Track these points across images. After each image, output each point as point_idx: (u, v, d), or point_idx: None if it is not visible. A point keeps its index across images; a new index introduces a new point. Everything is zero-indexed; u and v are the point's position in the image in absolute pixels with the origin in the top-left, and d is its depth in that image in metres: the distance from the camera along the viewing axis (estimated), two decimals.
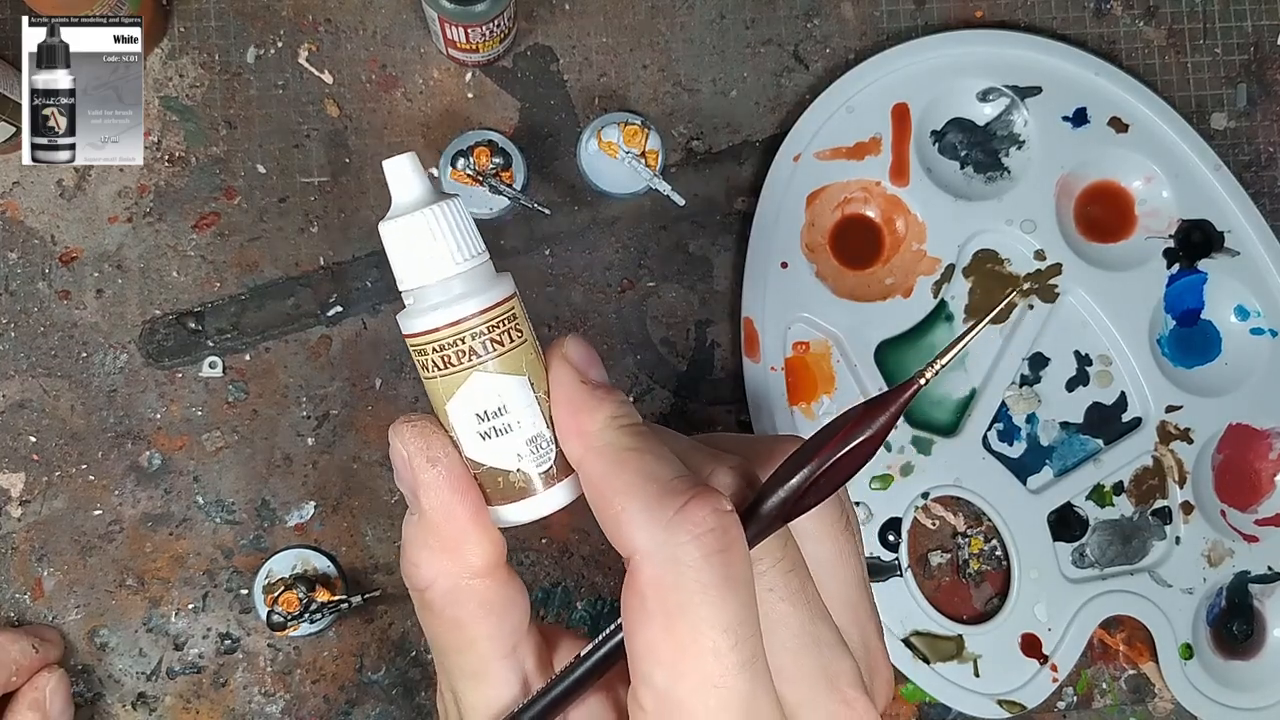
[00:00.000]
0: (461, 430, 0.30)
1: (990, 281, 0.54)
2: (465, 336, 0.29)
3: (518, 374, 0.29)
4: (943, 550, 0.54)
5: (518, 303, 0.30)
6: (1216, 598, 0.54)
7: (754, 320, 0.52)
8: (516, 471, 0.29)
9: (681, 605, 0.25)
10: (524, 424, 0.29)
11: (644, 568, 0.26)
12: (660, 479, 0.27)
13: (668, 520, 0.26)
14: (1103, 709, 0.54)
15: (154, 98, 0.51)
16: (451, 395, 0.29)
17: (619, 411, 0.29)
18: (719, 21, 0.54)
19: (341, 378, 0.51)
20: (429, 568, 0.29)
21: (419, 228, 0.30)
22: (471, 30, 0.47)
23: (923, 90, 0.53)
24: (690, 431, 0.53)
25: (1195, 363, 0.55)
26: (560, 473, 0.30)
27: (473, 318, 0.29)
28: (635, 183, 0.50)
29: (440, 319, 0.29)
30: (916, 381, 0.28)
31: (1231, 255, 0.54)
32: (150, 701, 0.50)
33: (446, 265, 0.29)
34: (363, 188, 0.52)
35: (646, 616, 0.26)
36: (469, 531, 0.29)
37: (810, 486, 0.28)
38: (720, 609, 0.25)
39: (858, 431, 0.28)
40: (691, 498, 0.26)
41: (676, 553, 0.25)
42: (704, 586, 0.25)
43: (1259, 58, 0.56)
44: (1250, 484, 0.55)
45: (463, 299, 0.29)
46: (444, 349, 0.29)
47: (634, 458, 0.28)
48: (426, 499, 0.29)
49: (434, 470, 0.29)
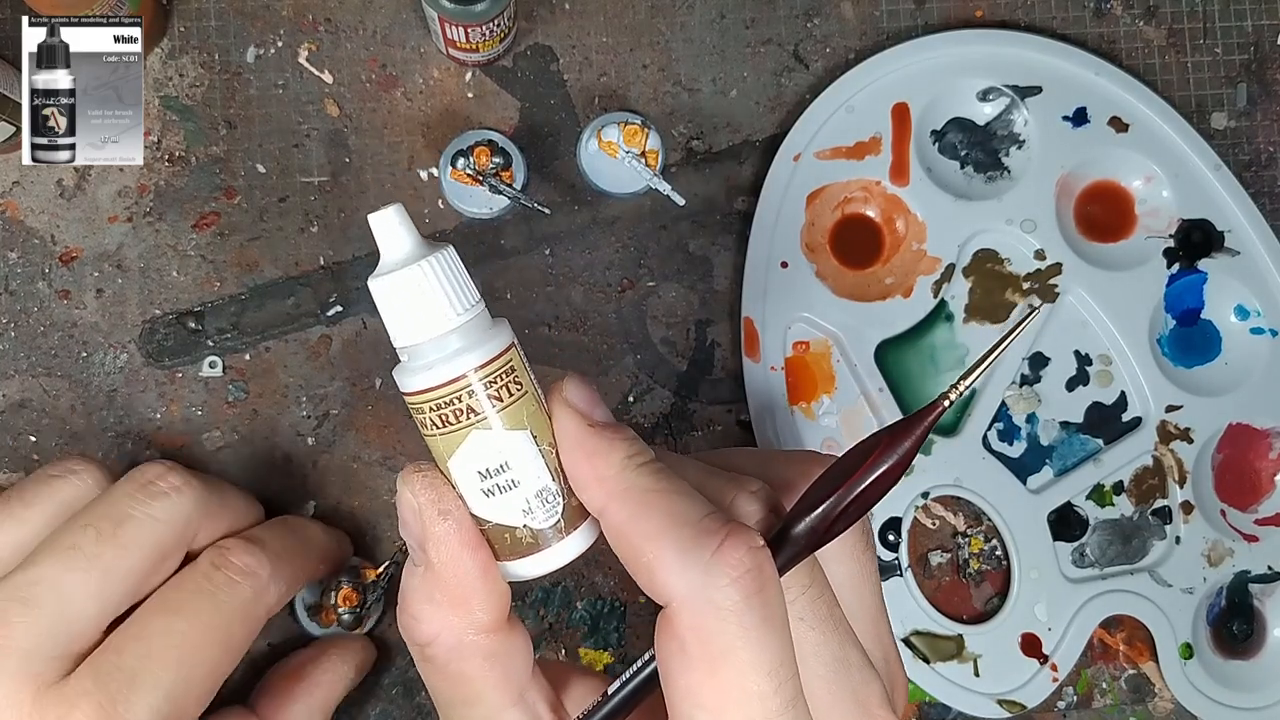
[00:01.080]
0: (464, 487, 0.29)
1: (990, 281, 0.54)
2: (463, 394, 0.28)
3: (519, 428, 0.28)
4: (943, 550, 0.54)
5: (516, 353, 0.29)
6: (1216, 597, 0.54)
7: (754, 320, 0.52)
8: (523, 528, 0.28)
9: (724, 650, 0.25)
10: (528, 479, 0.28)
11: (682, 614, 0.25)
12: (690, 520, 0.26)
13: (705, 564, 0.25)
14: (1103, 709, 0.54)
15: (154, 98, 0.51)
16: (452, 453, 0.28)
17: (633, 450, 0.28)
18: (719, 21, 0.54)
19: (341, 377, 0.51)
20: (433, 623, 0.28)
21: (410, 284, 0.28)
22: (471, 30, 0.47)
23: (923, 90, 0.53)
24: (688, 431, 0.53)
25: (1195, 362, 0.55)
26: (569, 524, 0.29)
27: (470, 373, 0.28)
28: (635, 183, 0.50)
29: (436, 377, 0.28)
30: (940, 404, 0.28)
31: (1231, 255, 0.54)
32: None
33: (440, 321, 0.28)
34: (363, 187, 0.52)
35: (688, 662, 0.25)
36: (478, 587, 0.28)
37: (841, 513, 0.28)
38: (762, 651, 0.25)
39: (885, 457, 0.28)
40: (726, 537, 0.25)
41: (716, 597, 0.25)
42: (745, 629, 0.25)
43: (1259, 57, 0.56)
44: (1250, 484, 0.55)
45: (458, 354, 0.28)
46: (441, 407, 0.28)
47: (658, 499, 0.27)
48: (436, 552, 0.28)
49: (445, 524, 0.28)
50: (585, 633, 0.52)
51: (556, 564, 0.29)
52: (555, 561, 0.29)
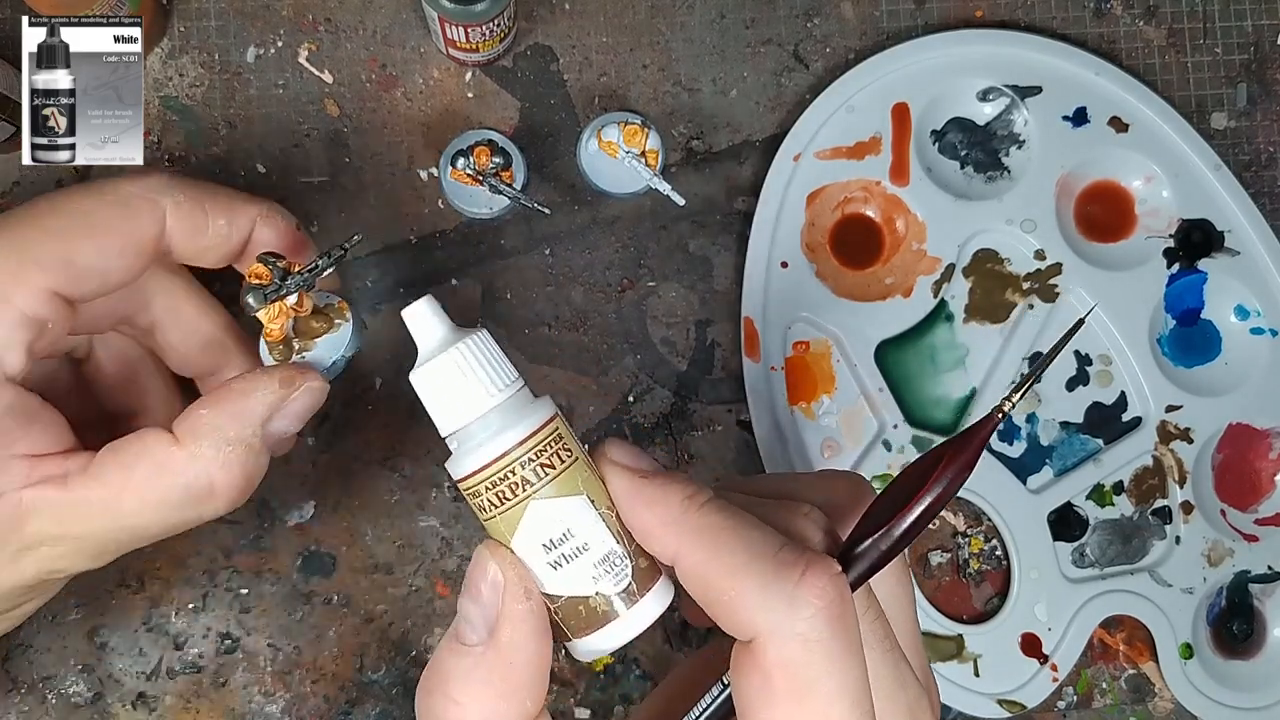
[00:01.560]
0: (532, 564, 0.28)
1: (990, 281, 0.54)
2: (515, 468, 0.28)
3: (575, 494, 0.28)
4: (943, 550, 0.54)
5: (561, 422, 0.29)
6: (1216, 597, 0.54)
7: (754, 320, 0.52)
8: (596, 595, 0.28)
9: (811, 682, 0.25)
10: (593, 544, 0.28)
11: (769, 649, 0.25)
12: (767, 553, 0.26)
13: (789, 596, 0.25)
14: (1103, 709, 0.54)
15: (154, 98, 0.51)
16: (514, 530, 0.28)
17: (690, 490, 0.28)
18: (719, 21, 0.54)
19: (341, 377, 0.51)
20: (475, 707, 0.27)
21: (448, 370, 0.29)
22: (471, 30, 0.47)
23: (923, 90, 0.53)
24: (688, 431, 0.53)
25: (1195, 362, 0.55)
26: (642, 587, 0.29)
27: (518, 447, 0.28)
28: (635, 183, 0.50)
29: (486, 455, 0.28)
30: (994, 417, 0.27)
31: (1231, 255, 0.54)
32: (150, 701, 0.50)
33: (481, 402, 0.29)
34: (362, 188, 0.52)
35: (772, 696, 0.25)
36: (538, 673, 0.28)
37: (903, 534, 0.28)
38: (847, 679, 0.25)
39: (947, 474, 0.28)
40: (807, 568, 0.25)
41: (802, 629, 0.25)
42: (832, 660, 0.25)
43: (1259, 57, 0.56)
44: (1250, 484, 0.55)
45: (504, 430, 0.29)
46: (496, 485, 0.28)
47: (730, 535, 0.27)
48: (510, 633, 0.27)
49: (528, 604, 0.28)
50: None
51: (634, 631, 0.29)
52: (632, 629, 0.29)
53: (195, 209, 0.38)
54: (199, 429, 0.35)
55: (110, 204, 0.37)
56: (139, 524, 0.35)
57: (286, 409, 0.37)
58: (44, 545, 0.35)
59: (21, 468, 0.35)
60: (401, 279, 0.52)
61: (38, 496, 0.34)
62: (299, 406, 0.37)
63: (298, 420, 0.38)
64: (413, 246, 0.52)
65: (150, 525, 0.36)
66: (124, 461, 0.35)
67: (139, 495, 0.35)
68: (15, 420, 0.35)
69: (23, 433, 0.35)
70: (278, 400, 0.36)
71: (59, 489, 0.35)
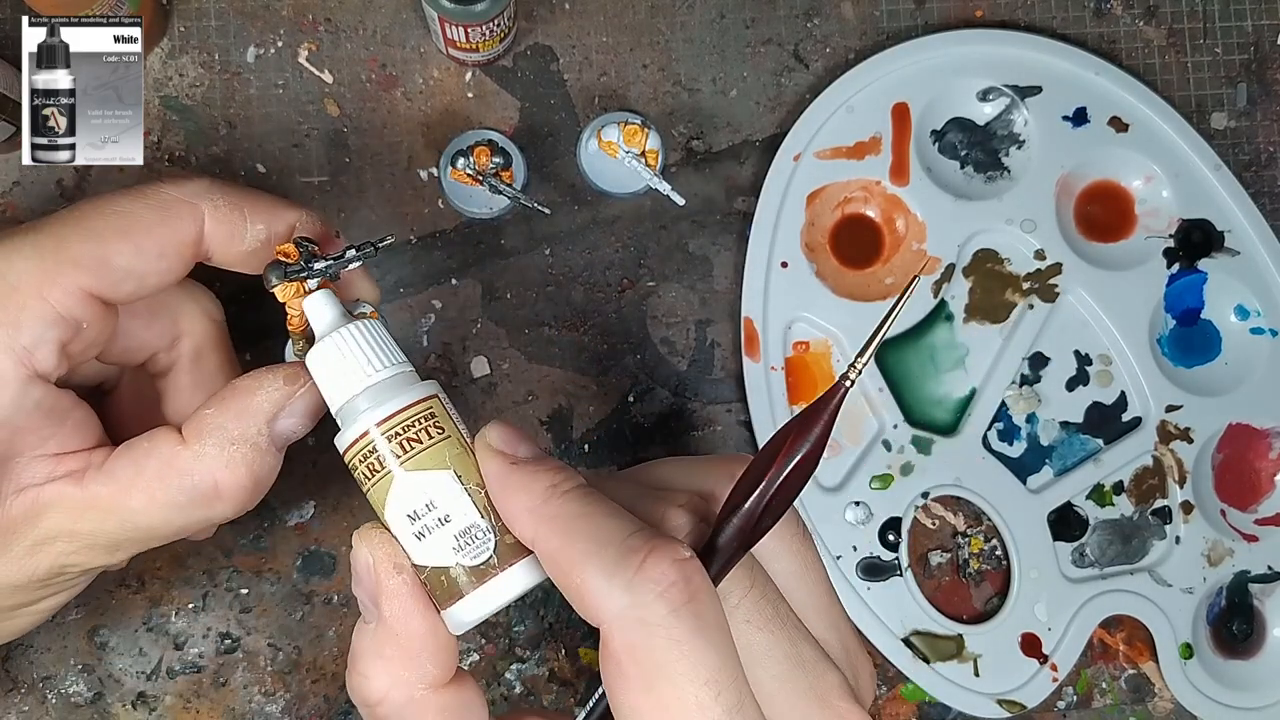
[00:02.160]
0: (400, 536, 0.30)
1: (990, 281, 0.54)
2: (380, 442, 0.30)
3: (441, 468, 0.30)
4: (943, 550, 0.54)
5: (438, 403, 0.31)
6: (1216, 597, 0.54)
7: (754, 320, 0.52)
8: (456, 566, 0.29)
9: (658, 666, 0.25)
10: (455, 516, 0.30)
11: (614, 635, 0.25)
12: (614, 540, 0.27)
13: (629, 582, 0.25)
14: (1103, 709, 0.54)
15: (154, 97, 0.51)
16: (384, 503, 0.30)
17: (557, 479, 0.29)
18: (719, 21, 0.54)
19: None
20: (382, 678, 0.29)
21: (330, 351, 0.32)
22: (471, 30, 0.47)
23: (923, 90, 0.53)
24: (688, 431, 0.53)
25: (1195, 362, 0.55)
26: (504, 561, 0.30)
27: (388, 420, 0.30)
28: (635, 182, 0.50)
29: (356, 430, 0.31)
30: (842, 385, 0.28)
31: (1231, 255, 0.54)
32: (150, 701, 0.50)
33: (358, 381, 0.31)
34: (362, 188, 0.52)
35: (625, 682, 0.25)
36: (428, 640, 0.29)
37: (764, 509, 0.28)
38: (697, 661, 0.25)
39: (797, 447, 0.28)
40: (649, 553, 0.26)
41: (643, 614, 0.25)
42: (676, 641, 0.25)
43: (1259, 57, 0.56)
44: (1250, 484, 0.55)
45: (377, 406, 0.31)
46: (366, 458, 0.30)
47: (583, 523, 0.27)
48: (389, 606, 0.29)
49: (399, 577, 0.30)
50: (585, 633, 0.52)
51: (495, 603, 0.30)
52: (493, 600, 0.30)
53: (234, 213, 0.38)
54: (203, 428, 0.35)
55: (149, 206, 0.36)
56: (147, 523, 0.35)
57: (293, 407, 0.36)
58: (59, 540, 0.35)
59: (46, 464, 0.35)
60: (401, 279, 0.52)
61: (55, 492, 0.34)
62: (306, 404, 0.37)
63: (306, 418, 0.37)
64: (413, 246, 0.52)
65: (158, 525, 0.35)
66: (134, 459, 0.35)
67: (147, 494, 0.35)
68: (46, 417, 0.35)
69: (53, 430, 0.35)
70: (283, 397, 0.36)
71: (75, 485, 0.35)
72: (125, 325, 0.39)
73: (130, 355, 0.41)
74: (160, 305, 0.40)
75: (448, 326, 0.52)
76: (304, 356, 0.39)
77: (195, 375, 0.42)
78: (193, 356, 0.41)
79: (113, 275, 0.35)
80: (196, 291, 0.42)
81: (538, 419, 0.52)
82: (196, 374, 0.42)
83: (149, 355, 0.41)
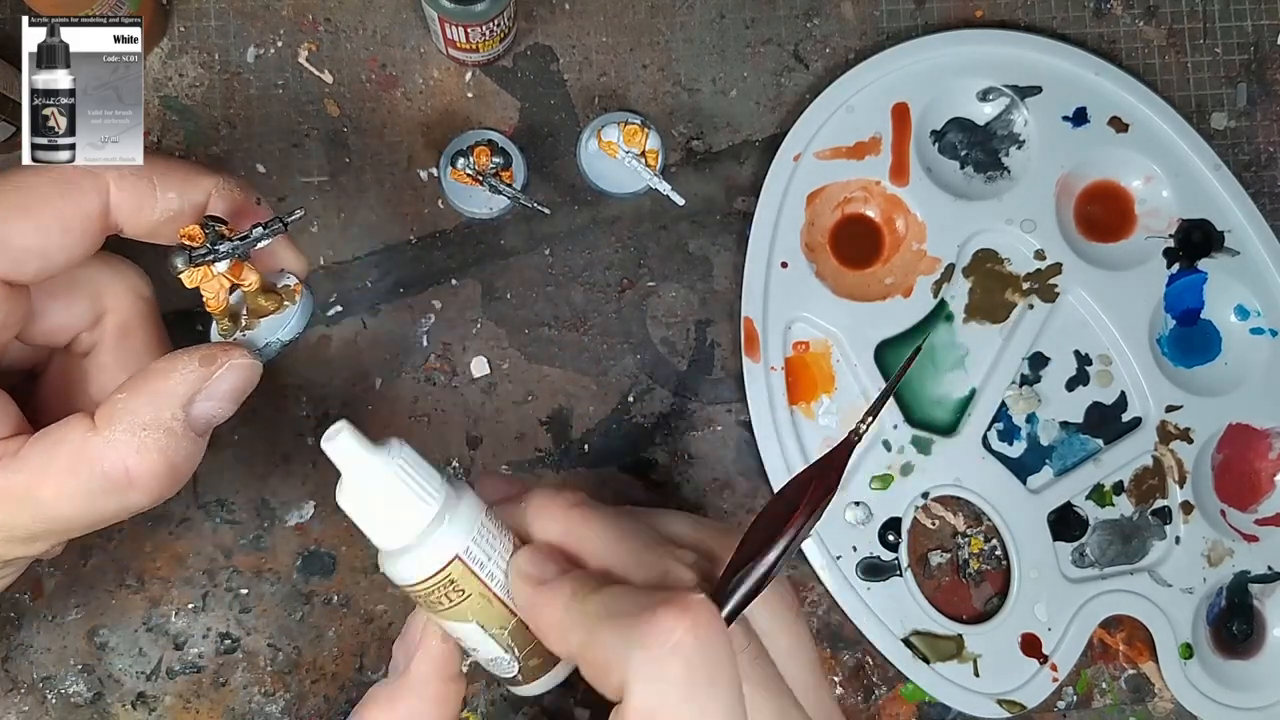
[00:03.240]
0: None
1: (990, 281, 0.54)
2: (416, 595, 0.33)
3: (464, 621, 0.33)
4: (943, 550, 0.54)
5: (456, 566, 0.32)
6: (1216, 597, 0.54)
7: (754, 320, 0.52)
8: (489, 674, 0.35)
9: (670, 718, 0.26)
10: (481, 652, 0.34)
11: (630, 696, 0.26)
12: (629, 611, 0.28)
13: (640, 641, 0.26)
14: (1103, 709, 0.54)
15: (154, 98, 0.51)
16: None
17: (576, 588, 0.30)
18: (719, 21, 0.54)
19: (341, 377, 0.51)
20: None
21: (375, 499, 0.33)
22: (471, 30, 0.47)
23: (923, 90, 0.53)
24: (688, 431, 0.53)
25: (1195, 362, 0.55)
26: (528, 678, 0.34)
27: (415, 584, 0.32)
28: (635, 182, 0.50)
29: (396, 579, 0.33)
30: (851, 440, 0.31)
31: (1231, 255, 0.54)
32: (150, 701, 0.50)
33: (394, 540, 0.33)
34: (363, 188, 0.52)
35: None
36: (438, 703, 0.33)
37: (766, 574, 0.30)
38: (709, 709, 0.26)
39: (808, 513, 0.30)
40: (658, 609, 0.27)
41: (653, 669, 0.26)
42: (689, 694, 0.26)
43: (1259, 57, 0.56)
44: (1250, 484, 0.55)
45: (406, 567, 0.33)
46: (407, 597, 0.34)
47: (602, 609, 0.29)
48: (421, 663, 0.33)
49: (445, 645, 0.33)
50: None
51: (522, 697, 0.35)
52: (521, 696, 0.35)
53: (141, 182, 0.36)
54: (114, 413, 0.33)
55: (48, 180, 0.35)
56: (60, 513, 0.34)
57: (211, 389, 0.35)
58: None
59: None
60: (401, 279, 0.52)
61: None
62: (225, 386, 0.35)
63: (226, 401, 0.35)
64: (413, 246, 0.52)
65: (72, 515, 0.34)
66: (46, 447, 0.33)
67: (58, 483, 0.33)
68: None
69: None
70: (198, 380, 0.34)
71: None
72: (43, 305, 0.37)
73: (52, 336, 0.39)
74: (80, 282, 0.39)
75: (448, 326, 0.52)
76: (229, 336, 0.38)
77: (119, 355, 0.39)
78: (117, 335, 0.39)
79: (14, 254, 0.34)
80: (122, 267, 0.40)
81: (538, 419, 0.52)
82: (121, 354, 0.39)
83: (72, 336, 0.39)
